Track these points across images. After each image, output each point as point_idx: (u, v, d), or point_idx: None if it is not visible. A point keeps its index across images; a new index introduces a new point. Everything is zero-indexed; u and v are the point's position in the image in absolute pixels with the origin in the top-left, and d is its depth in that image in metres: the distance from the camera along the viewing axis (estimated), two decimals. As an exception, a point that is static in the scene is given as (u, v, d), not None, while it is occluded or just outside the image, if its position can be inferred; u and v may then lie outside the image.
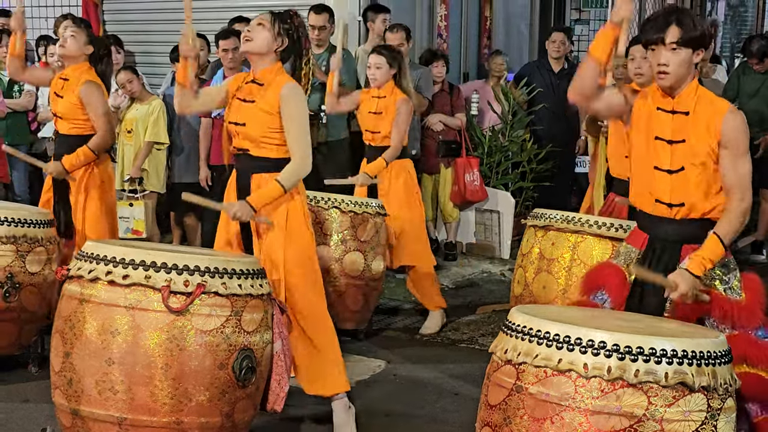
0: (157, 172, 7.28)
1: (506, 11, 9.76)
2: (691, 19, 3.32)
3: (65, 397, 3.49)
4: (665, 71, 3.33)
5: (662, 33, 3.31)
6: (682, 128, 3.38)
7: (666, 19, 3.32)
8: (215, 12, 8.41)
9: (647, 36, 3.37)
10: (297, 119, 4.06)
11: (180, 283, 3.40)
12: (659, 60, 3.33)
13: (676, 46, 3.31)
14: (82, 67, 5.37)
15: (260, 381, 3.66)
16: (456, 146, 7.77)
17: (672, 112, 3.40)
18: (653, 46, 3.35)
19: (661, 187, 3.43)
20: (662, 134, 3.40)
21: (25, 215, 4.89)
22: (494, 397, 3.00)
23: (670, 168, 3.40)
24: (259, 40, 4.09)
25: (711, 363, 2.86)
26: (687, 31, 3.30)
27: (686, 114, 3.38)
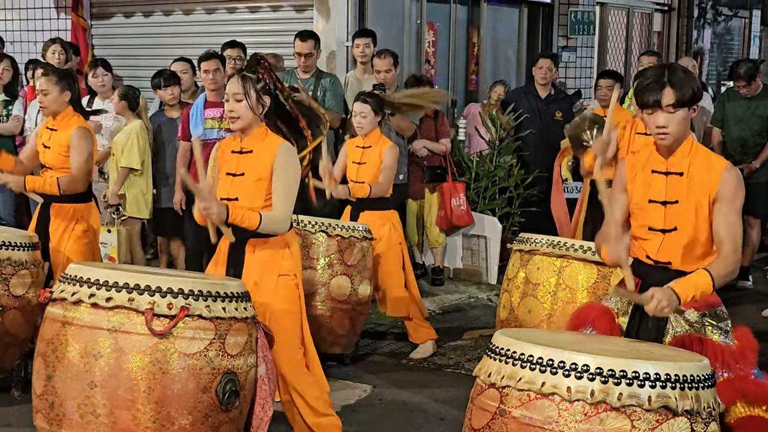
0: (136, 198, 7.15)
1: (494, 38, 9.83)
2: (681, 78, 3.33)
3: (47, 420, 3.46)
4: (665, 132, 3.34)
5: (658, 96, 3.32)
6: (676, 189, 3.40)
7: (659, 82, 3.32)
8: (202, 37, 8.47)
9: (643, 100, 3.36)
10: (286, 178, 3.96)
11: (163, 305, 3.38)
12: (658, 122, 3.34)
13: (673, 108, 3.32)
14: (67, 114, 5.31)
15: (244, 405, 3.64)
16: (441, 171, 7.78)
17: (666, 173, 3.41)
18: (650, 110, 3.35)
19: (651, 246, 3.45)
20: (656, 197, 3.42)
21: (9, 238, 4.87)
22: (478, 420, 3.00)
23: (663, 228, 3.42)
24: (245, 116, 3.98)
25: (694, 387, 2.86)
26: (682, 92, 3.31)
27: (680, 174, 3.39)
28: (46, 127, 5.35)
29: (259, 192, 3.97)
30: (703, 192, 3.35)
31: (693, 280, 3.28)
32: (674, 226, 3.39)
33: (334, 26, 8.02)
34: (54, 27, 9.58)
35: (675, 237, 3.40)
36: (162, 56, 8.56)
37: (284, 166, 3.96)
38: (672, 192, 3.40)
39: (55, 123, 5.32)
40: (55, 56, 8.06)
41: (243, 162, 4.02)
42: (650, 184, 3.44)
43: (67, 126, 5.27)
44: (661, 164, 3.43)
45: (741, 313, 7.11)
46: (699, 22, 13.47)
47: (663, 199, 3.40)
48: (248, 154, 4.02)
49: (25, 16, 9.85)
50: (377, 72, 7.24)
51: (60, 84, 5.27)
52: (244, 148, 4.03)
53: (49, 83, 5.26)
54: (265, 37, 8.22)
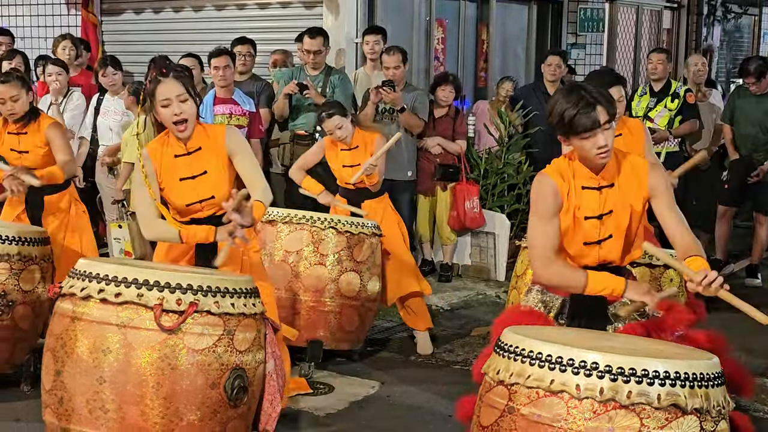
0: None
1: (503, 34, 9.82)
2: (601, 92, 3.35)
3: (56, 415, 3.47)
4: (607, 150, 3.34)
5: (596, 118, 3.29)
6: (609, 200, 3.42)
7: (589, 104, 3.29)
8: (211, 33, 8.48)
9: (582, 126, 3.30)
10: (246, 152, 3.99)
11: (172, 301, 3.39)
12: (599, 143, 3.31)
13: (608, 124, 3.33)
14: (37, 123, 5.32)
15: (252, 401, 3.64)
16: (454, 170, 7.76)
17: (599, 188, 3.42)
18: (587, 134, 3.31)
19: (588, 257, 3.46)
20: (592, 212, 3.42)
21: (19, 233, 4.88)
22: (486, 418, 2.99)
23: (598, 239, 3.43)
24: (192, 115, 3.95)
25: (704, 385, 2.85)
26: (610, 106, 3.33)
27: (611, 186, 3.42)
28: (7, 133, 5.30)
29: (226, 181, 3.96)
30: (637, 197, 3.40)
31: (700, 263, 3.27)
32: (609, 234, 3.42)
33: (343, 23, 8.01)
34: (64, 23, 9.60)
35: (611, 243, 3.43)
36: (171, 52, 8.51)
37: (239, 144, 3.99)
38: (607, 204, 3.41)
39: (19, 126, 5.29)
40: (65, 52, 8.08)
41: (196, 161, 3.97)
42: (584, 202, 3.42)
43: (37, 127, 5.27)
44: (591, 180, 3.42)
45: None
46: (708, 20, 13.42)
47: (599, 213, 3.41)
48: (198, 151, 3.97)
49: (35, 12, 9.87)
50: (386, 69, 7.24)
51: (24, 87, 5.28)
52: (191, 148, 3.98)
53: (15, 88, 5.23)
54: (274, 34, 8.22)
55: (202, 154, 3.98)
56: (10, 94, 5.22)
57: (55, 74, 7.35)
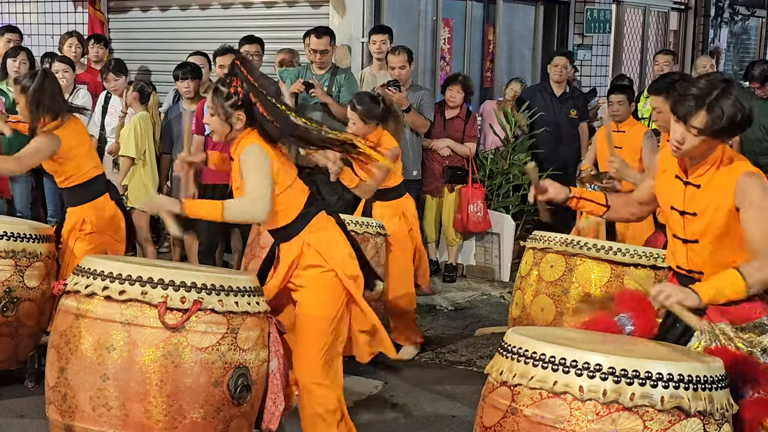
0: (137, 190, 7.08)
1: (509, 35, 9.80)
2: (724, 107, 3.08)
3: (59, 412, 3.48)
4: (678, 147, 3.20)
5: (689, 113, 3.11)
6: (692, 201, 3.28)
7: (700, 99, 3.10)
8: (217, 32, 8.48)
9: (675, 106, 3.17)
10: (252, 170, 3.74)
11: (176, 299, 3.39)
12: (676, 135, 3.18)
13: (698, 132, 3.13)
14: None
15: (255, 399, 3.64)
16: (462, 173, 7.76)
17: (685, 183, 3.30)
18: (676, 119, 3.17)
19: (679, 254, 3.38)
20: (676, 205, 3.32)
21: (24, 230, 4.89)
22: (489, 418, 2.99)
23: (684, 238, 3.32)
24: (217, 130, 3.85)
25: (707, 388, 2.85)
26: (714, 122, 3.08)
27: (698, 187, 3.26)
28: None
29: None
30: (722, 206, 3.20)
31: (719, 281, 3.15)
32: (695, 239, 3.28)
33: (349, 22, 8.01)
34: (71, 20, 9.61)
35: (698, 249, 3.29)
36: (178, 50, 8.58)
37: (248, 164, 3.76)
38: (689, 203, 3.28)
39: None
40: (71, 49, 8.10)
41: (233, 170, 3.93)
42: (672, 189, 3.34)
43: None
44: (682, 171, 3.32)
45: None
46: (716, 22, 13.39)
47: (682, 209, 3.30)
48: (232, 161, 3.93)
49: (42, 10, 9.88)
50: (392, 68, 7.24)
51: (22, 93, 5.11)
52: (231, 155, 3.94)
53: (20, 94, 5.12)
54: (281, 33, 8.22)
55: (233, 164, 3.88)
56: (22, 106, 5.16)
57: (62, 71, 7.36)
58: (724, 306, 3.18)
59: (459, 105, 7.72)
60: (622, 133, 6.56)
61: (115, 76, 7.46)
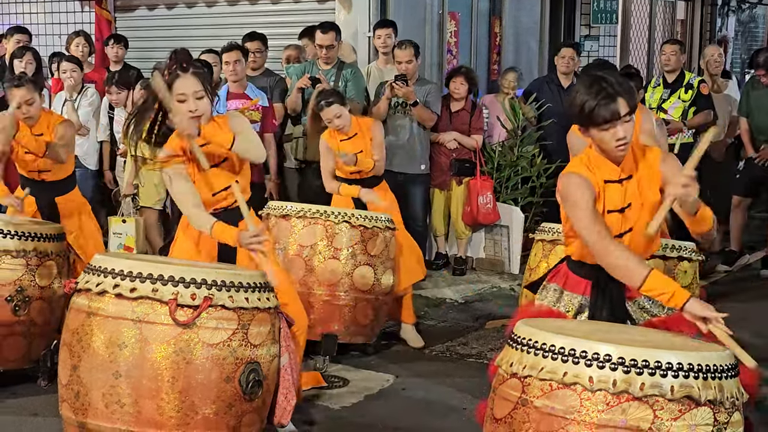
0: (148, 188, 7.16)
1: (516, 27, 9.79)
2: (622, 85, 3.30)
3: (72, 410, 3.50)
4: (625, 143, 3.32)
5: (616, 110, 3.26)
6: (627, 193, 3.40)
7: (610, 95, 3.26)
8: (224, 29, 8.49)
9: (601, 118, 3.27)
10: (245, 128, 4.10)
11: (187, 296, 3.41)
12: (618, 135, 3.29)
13: (629, 116, 3.30)
14: (45, 116, 5.40)
15: (267, 395, 3.66)
16: (470, 165, 7.76)
17: (620, 180, 3.40)
18: (606, 125, 3.29)
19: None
20: (614, 206, 3.40)
21: (35, 229, 4.92)
22: (500, 410, 3.00)
23: (620, 232, 3.40)
24: (207, 111, 4.01)
25: (717, 376, 2.85)
26: (630, 98, 3.29)
27: (629, 178, 3.39)
28: (32, 134, 5.35)
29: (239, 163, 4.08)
30: (652, 187, 3.37)
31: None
32: (629, 228, 3.40)
33: (355, 17, 8.01)
34: (78, 20, 9.64)
35: (630, 236, 3.40)
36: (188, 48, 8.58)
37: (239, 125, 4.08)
38: (625, 197, 3.39)
39: (37, 128, 5.37)
40: (78, 49, 8.12)
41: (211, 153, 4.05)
42: (610, 196, 3.40)
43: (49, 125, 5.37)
44: (614, 172, 3.40)
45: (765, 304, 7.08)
46: (723, 10, 13.35)
47: (621, 206, 3.39)
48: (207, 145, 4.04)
49: (49, 9, 9.91)
50: (398, 63, 7.24)
51: (36, 90, 5.36)
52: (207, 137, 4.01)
53: (30, 92, 5.30)
54: (287, 28, 8.23)
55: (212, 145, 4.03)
56: (25, 98, 5.28)
57: (70, 71, 7.39)
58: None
59: (464, 97, 7.72)
60: None
61: (118, 90, 7.47)
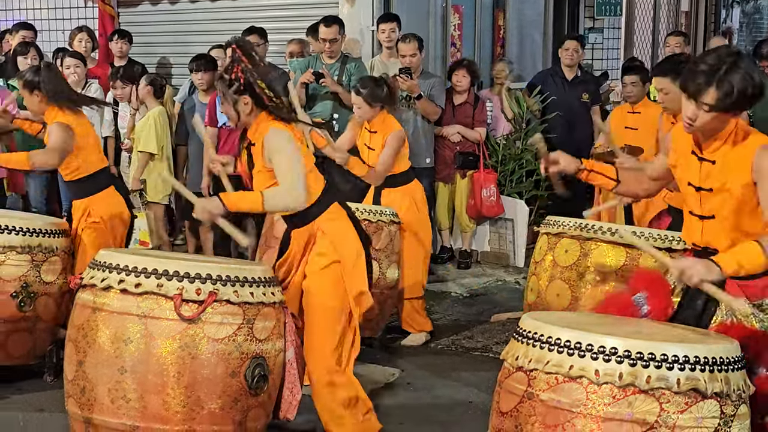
0: (155, 183, 7.20)
1: (520, 20, 9.75)
2: (734, 81, 3.08)
3: (78, 405, 3.51)
4: (690, 123, 3.18)
5: (699, 90, 3.10)
6: (708, 177, 3.25)
7: (708, 78, 3.09)
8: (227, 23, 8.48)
9: (685, 83, 3.17)
10: (279, 152, 3.80)
11: (192, 291, 3.41)
12: (688, 113, 3.16)
13: (709, 108, 3.11)
14: (51, 112, 5.24)
15: (272, 389, 3.67)
16: (474, 158, 7.74)
17: (701, 159, 3.27)
18: (688, 96, 3.16)
19: (694, 231, 3.35)
20: (693, 180, 3.29)
21: (40, 225, 4.92)
22: (506, 404, 3.00)
23: (701, 214, 3.30)
24: (231, 116, 3.93)
25: (724, 369, 2.85)
26: (725, 97, 3.08)
27: (713, 163, 3.24)
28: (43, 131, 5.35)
29: (265, 182, 3.88)
30: (739, 180, 3.18)
31: (737, 249, 3.12)
32: (711, 214, 3.26)
33: (359, 11, 7.99)
34: (81, 15, 9.63)
35: (714, 225, 3.26)
36: (188, 43, 8.59)
37: (274, 147, 3.80)
38: (705, 179, 3.26)
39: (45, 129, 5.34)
40: (81, 44, 8.11)
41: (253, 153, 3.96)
42: (688, 165, 3.32)
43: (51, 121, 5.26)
44: (697, 147, 3.29)
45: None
46: (728, 1, 13.31)
47: (698, 185, 3.28)
48: (253, 146, 3.95)
49: (53, 5, 9.91)
50: (402, 57, 7.22)
51: (31, 88, 5.20)
52: (250, 140, 3.96)
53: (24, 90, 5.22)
54: (291, 22, 8.21)
55: (254, 149, 3.93)
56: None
57: (73, 66, 7.38)
58: (742, 280, 3.18)
59: (466, 90, 7.70)
60: (637, 114, 6.53)
61: (123, 84, 7.47)
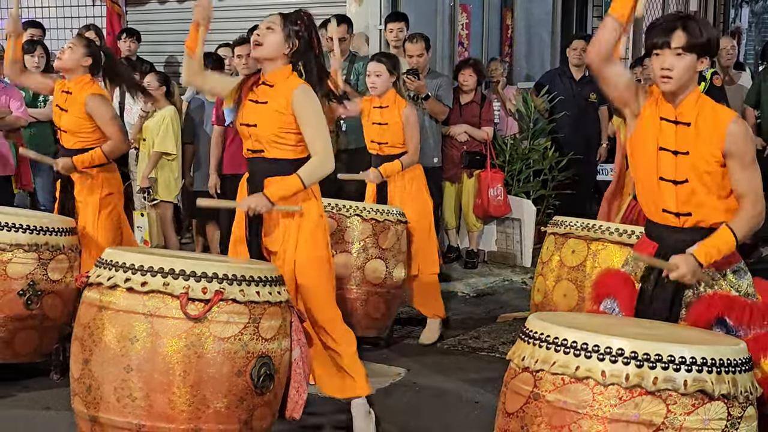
0: (167, 183, 7.24)
1: (527, 19, 9.75)
2: (697, 25, 3.28)
3: (84, 404, 3.51)
4: (668, 75, 3.27)
5: (668, 37, 3.27)
6: (685, 139, 3.31)
7: (672, 24, 3.27)
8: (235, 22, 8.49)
9: (652, 40, 3.32)
10: (312, 118, 4.02)
11: (198, 290, 3.41)
12: (663, 64, 3.28)
13: (681, 51, 3.26)
14: (83, 80, 5.31)
15: (278, 388, 3.66)
16: (481, 158, 7.74)
17: (675, 122, 3.33)
18: (658, 50, 3.30)
19: (667, 198, 3.36)
20: (667, 144, 3.33)
21: (47, 223, 4.92)
22: (512, 404, 2.99)
23: (675, 179, 3.33)
24: (268, 44, 4.06)
25: (731, 370, 2.83)
26: (693, 36, 3.24)
27: (687, 125, 3.31)
28: (61, 91, 5.35)
29: (277, 121, 4.03)
30: (712, 145, 3.26)
31: (715, 242, 3.23)
32: (685, 178, 3.31)
33: (366, 9, 7.99)
34: (89, 14, 9.66)
35: (687, 189, 3.32)
36: (196, 42, 8.57)
37: (305, 108, 4.02)
38: (681, 142, 3.31)
39: (69, 85, 5.34)
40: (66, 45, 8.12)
41: (264, 92, 4.09)
42: (661, 131, 3.35)
43: (81, 91, 5.28)
44: (669, 112, 3.34)
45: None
46: (736, 1, 13.29)
47: (674, 149, 3.31)
48: (270, 87, 4.08)
49: (61, 3, 9.94)
50: (409, 56, 7.21)
51: (87, 49, 5.32)
52: (267, 81, 4.10)
53: (78, 42, 5.35)
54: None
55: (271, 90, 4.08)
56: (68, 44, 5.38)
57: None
58: None
59: (473, 89, 7.70)
60: None
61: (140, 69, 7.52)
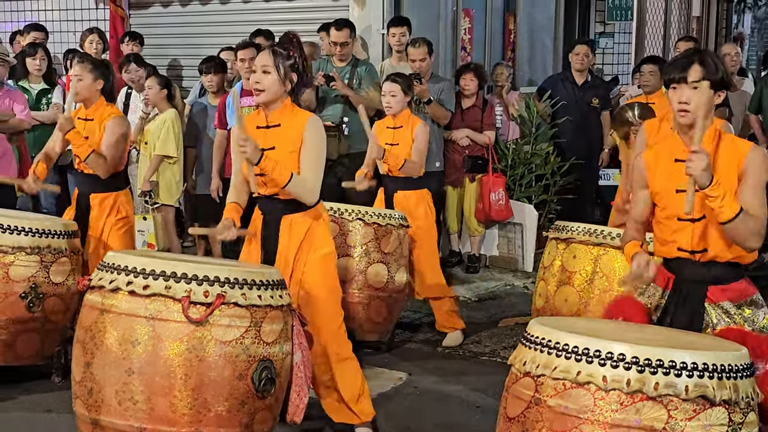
0: (169, 186, 7.24)
1: (530, 24, 9.75)
2: (712, 60, 3.35)
3: (86, 407, 3.51)
4: (686, 109, 3.31)
5: (685, 72, 3.32)
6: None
7: (689, 59, 3.35)
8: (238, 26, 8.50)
9: (670, 75, 3.37)
10: (314, 150, 4.04)
11: (200, 293, 3.41)
12: (681, 98, 3.32)
13: (698, 84, 3.28)
14: (101, 105, 5.36)
15: (280, 392, 3.66)
16: (482, 162, 7.74)
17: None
18: (675, 84, 3.34)
19: (683, 237, 3.38)
20: (684, 186, 3.29)
21: (49, 226, 4.93)
22: (513, 409, 2.99)
23: (692, 217, 3.33)
24: (269, 88, 4.02)
25: (732, 376, 2.83)
26: (709, 71, 3.30)
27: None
28: (78, 118, 5.36)
29: (292, 164, 4.02)
30: (730, 175, 3.28)
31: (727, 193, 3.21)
32: (703, 214, 3.32)
33: (369, 13, 8.00)
34: (93, 17, 9.67)
35: (705, 224, 3.33)
36: (199, 45, 8.62)
37: (312, 136, 4.04)
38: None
39: (88, 113, 5.37)
40: (92, 46, 8.15)
41: (271, 136, 4.06)
42: (674, 174, 3.36)
43: (101, 116, 5.32)
44: (684, 152, 3.31)
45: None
46: (739, 7, 13.29)
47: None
48: (276, 128, 4.06)
49: (64, 6, 9.95)
50: (412, 61, 7.22)
51: (94, 72, 5.33)
52: (271, 122, 4.08)
53: (83, 70, 5.33)
54: (301, 25, 8.21)
55: (279, 131, 4.06)
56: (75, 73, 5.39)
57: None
58: (723, 285, 3.36)
59: (474, 93, 7.71)
60: (652, 105, 6.52)
61: (137, 67, 7.52)
